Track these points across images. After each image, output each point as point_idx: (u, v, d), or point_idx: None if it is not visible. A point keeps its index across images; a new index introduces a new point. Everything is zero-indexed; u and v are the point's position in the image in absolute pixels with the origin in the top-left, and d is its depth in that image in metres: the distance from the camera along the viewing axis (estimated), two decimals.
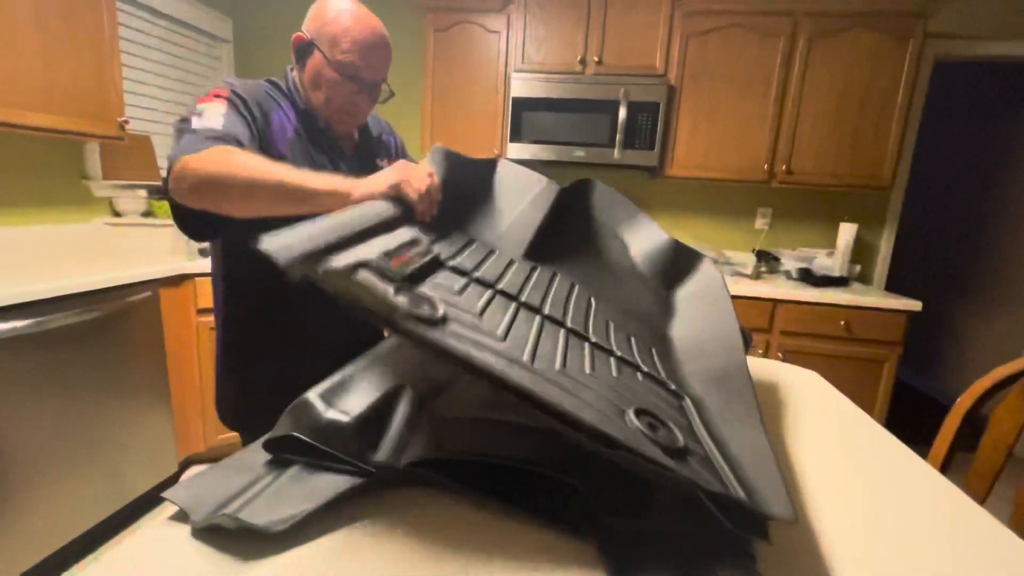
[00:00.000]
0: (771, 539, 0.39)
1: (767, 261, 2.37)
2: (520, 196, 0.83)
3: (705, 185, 2.44)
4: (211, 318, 1.91)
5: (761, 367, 0.99)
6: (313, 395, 0.51)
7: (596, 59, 2.21)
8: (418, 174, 0.68)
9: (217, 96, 0.81)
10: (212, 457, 2.04)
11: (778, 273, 2.39)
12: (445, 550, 0.42)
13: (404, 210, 0.66)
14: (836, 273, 2.20)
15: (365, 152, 1.01)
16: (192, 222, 0.79)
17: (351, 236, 0.50)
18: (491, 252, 0.69)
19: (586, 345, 0.56)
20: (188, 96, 2.51)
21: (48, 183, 1.90)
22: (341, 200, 0.68)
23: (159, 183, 2.28)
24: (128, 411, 1.66)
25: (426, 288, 0.50)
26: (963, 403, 0.88)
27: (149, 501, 1.79)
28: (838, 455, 0.65)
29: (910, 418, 2.64)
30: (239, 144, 0.76)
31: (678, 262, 0.85)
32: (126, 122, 1.83)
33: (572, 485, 0.44)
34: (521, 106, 2.22)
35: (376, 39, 0.87)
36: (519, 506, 0.46)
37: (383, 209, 0.62)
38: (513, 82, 2.21)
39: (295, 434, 0.49)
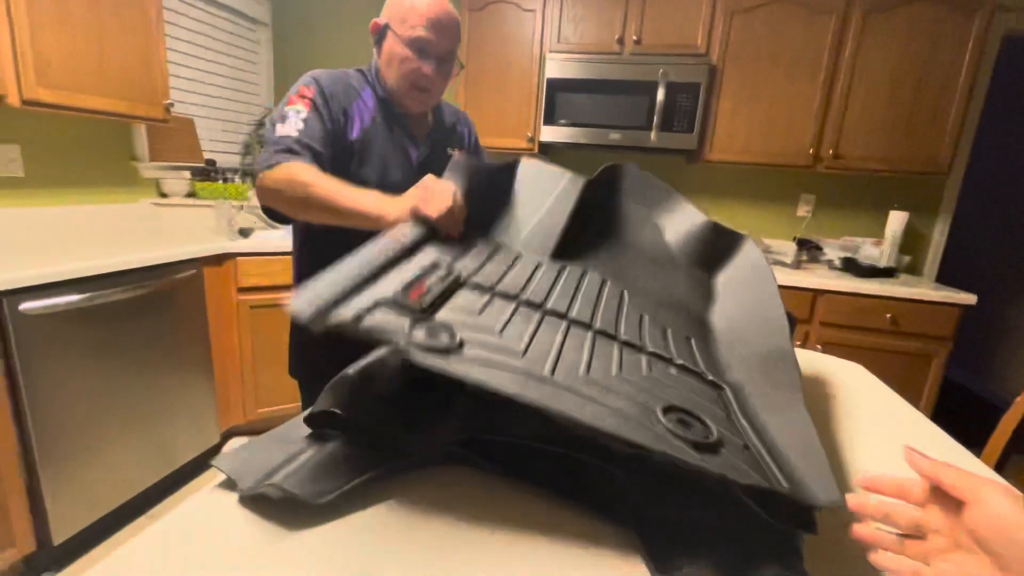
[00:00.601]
0: (819, 531, 0.38)
1: (809, 250, 2.28)
2: (544, 195, 0.82)
3: (745, 170, 2.35)
4: (253, 296, 1.98)
5: (802, 358, 0.96)
6: (353, 372, 0.52)
7: (635, 38, 2.14)
8: (440, 194, 0.70)
9: (302, 97, 0.91)
10: (251, 430, 2.13)
11: (820, 263, 2.30)
12: (481, 530, 0.42)
13: (429, 230, 0.67)
14: (883, 263, 2.10)
15: (437, 140, 1.06)
16: (270, 211, 0.93)
17: (369, 275, 0.52)
18: (517, 258, 0.69)
19: (615, 345, 0.55)
20: (228, 80, 2.57)
21: (100, 164, 1.98)
22: (375, 222, 0.76)
23: (202, 165, 2.35)
24: (174, 383, 1.74)
25: (447, 312, 0.51)
26: (1023, 401, 0.83)
27: (194, 468, 1.88)
28: (886, 449, 0.63)
29: (958, 419, 2.51)
30: (311, 150, 0.88)
31: (717, 245, 0.82)
32: (171, 105, 1.89)
33: (613, 472, 0.44)
34: (556, 87, 2.18)
35: (443, 14, 0.92)
36: (557, 490, 0.46)
37: (406, 236, 0.64)
38: (548, 63, 2.17)
39: (335, 410, 0.50)
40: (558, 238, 0.75)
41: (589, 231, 0.80)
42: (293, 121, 0.89)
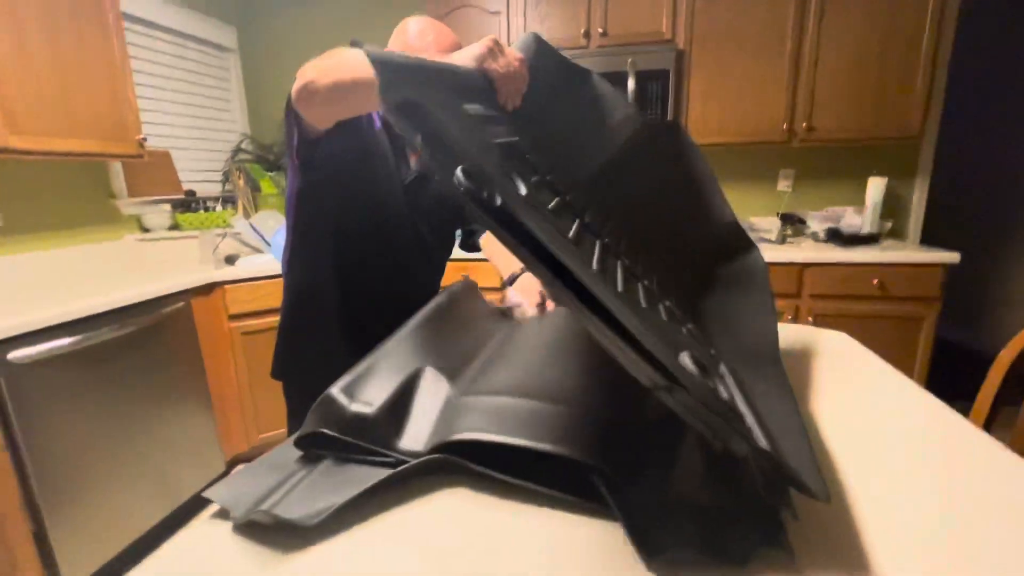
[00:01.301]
0: (798, 515, 0.39)
1: (793, 224, 2.29)
2: (603, 117, 0.76)
3: (722, 151, 2.37)
4: (244, 323, 1.97)
5: (786, 333, 0.97)
6: (336, 390, 0.53)
7: (600, 30, 2.15)
8: (510, 52, 0.65)
9: None
10: (256, 455, 2.12)
11: (805, 236, 2.32)
12: (475, 535, 0.43)
13: (486, 91, 0.62)
14: (866, 230, 2.12)
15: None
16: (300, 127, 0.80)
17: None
18: (561, 160, 0.63)
19: (640, 285, 0.53)
20: (201, 108, 2.56)
21: (78, 205, 1.97)
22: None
23: (182, 196, 2.34)
24: (173, 417, 1.73)
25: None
26: (1006, 356, 0.84)
27: (201, 501, 1.88)
28: (871, 416, 0.64)
29: (954, 375, 2.55)
30: None
31: (730, 242, 0.82)
32: (144, 139, 1.88)
33: (594, 467, 0.44)
34: None
35: (453, 46, 0.90)
36: (543, 486, 0.46)
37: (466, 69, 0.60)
38: None
39: (323, 430, 0.51)
40: (600, 166, 0.68)
41: (629, 172, 0.73)
42: None
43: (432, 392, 0.55)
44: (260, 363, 2.02)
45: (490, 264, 1.10)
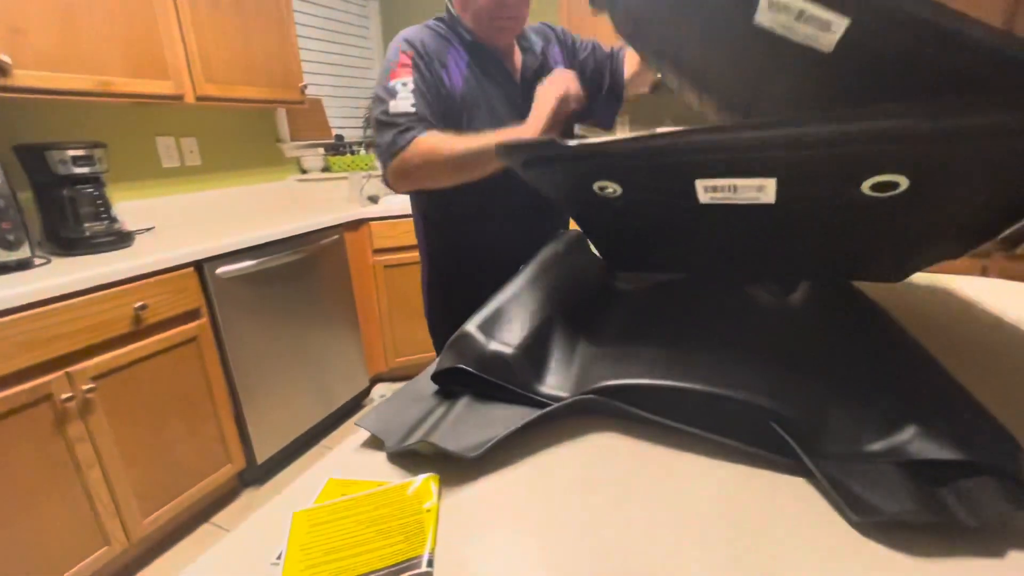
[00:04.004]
0: None
1: None
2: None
3: None
4: (386, 257, 2.17)
5: (924, 280, 0.82)
6: (472, 327, 0.52)
7: None
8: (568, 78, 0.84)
9: (404, 66, 0.89)
10: (393, 376, 2.39)
11: None
12: (640, 480, 0.40)
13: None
14: None
15: (531, 77, 1.00)
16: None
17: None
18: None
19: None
20: (344, 57, 2.74)
21: (253, 148, 2.27)
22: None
23: (332, 141, 2.58)
24: (329, 336, 2.00)
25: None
26: None
27: (350, 409, 2.18)
28: None
29: None
30: (428, 122, 0.88)
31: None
32: (305, 87, 2.08)
33: (771, 410, 0.40)
34: None
35: None
36: (707, 430, 0.42)
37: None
38: None
39: (463, 366, 0.50)
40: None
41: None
42: (403, 95, 0.87)
43: (567, 341, 0.54)
44: (399, 294, 2.22)
45: None
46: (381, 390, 2.35)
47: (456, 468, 0.42)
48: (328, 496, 0.40)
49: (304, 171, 2.51)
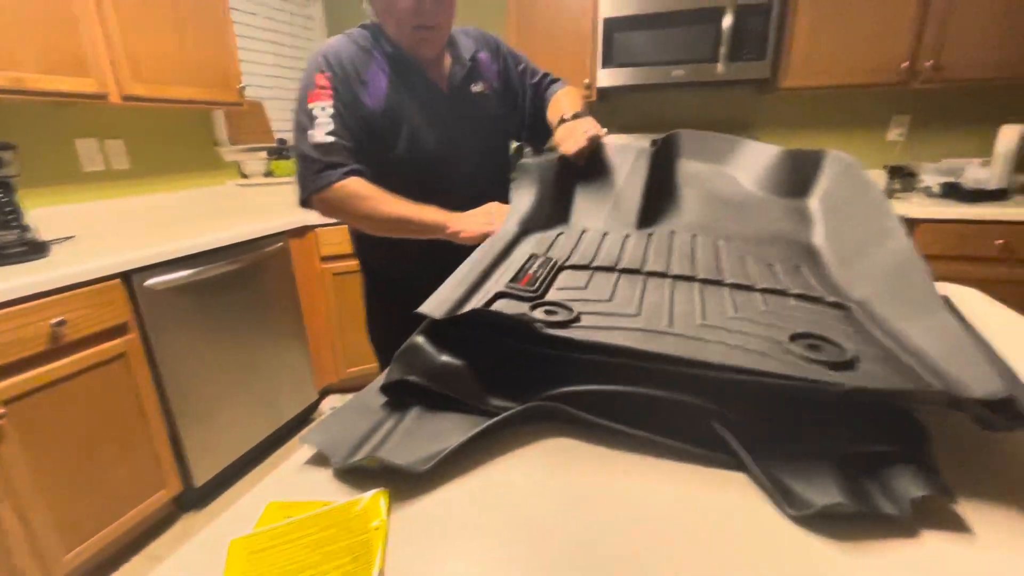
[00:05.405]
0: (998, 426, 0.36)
1: (902, 178, 2.08)
2: (618, 170, 0.86)
3: (825, 96, 2.15)
4: (335, 264, 2.10)
5: None
6: (422, 338, 0.51)
7: None
8: (504, 215, 0.77)
9: (322, 88, 0.87)
10: (344, 388, 2.31)
11: (916, 190, 2.10)
12: (595, 484, 0.40)
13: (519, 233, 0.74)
14: (992, 185, 1.88)
15: (459, 85, 0.98)
16: None
17: (481, 275, 0.60)
18: (605, 234, 0.73)
19: (724, 290, 0.56)
20: (288, 59, 2.65)
21: (188, 151, 2.14)
22: (437, 231, 0.86)
23: (274, 145, 2.48)
24: (274, 347, 1.91)
25: (555, 293, 0.55)
26: None
27: (298, 424, 2.09)
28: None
29: None
30: (348, 150, 0.88)
31: (800, 168, 0.78)
32: (244, 88, 1.99)
33: (714, 411, 0.41)
34: (613, 27, 2.07)
35: None
36: (654, 432, 0.43)
37: (500, 241, 0.70)
38: (602, 1, 2.06)
39: (412, 379, 0.49)
40: (638, 208, 0.78)
41: (665, 198, 0.82)
42: (322, 121, 0.85)
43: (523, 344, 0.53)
44: (349, 302, 2.16)
45: None
46: (332, 402, 2.27)
47: (406, 482, 0.41)
48: (269, 520, 0.38)
49: (245, 176, 2.40)
